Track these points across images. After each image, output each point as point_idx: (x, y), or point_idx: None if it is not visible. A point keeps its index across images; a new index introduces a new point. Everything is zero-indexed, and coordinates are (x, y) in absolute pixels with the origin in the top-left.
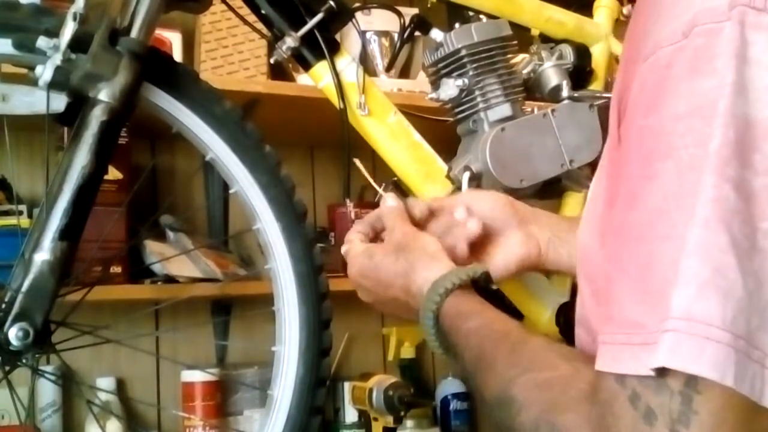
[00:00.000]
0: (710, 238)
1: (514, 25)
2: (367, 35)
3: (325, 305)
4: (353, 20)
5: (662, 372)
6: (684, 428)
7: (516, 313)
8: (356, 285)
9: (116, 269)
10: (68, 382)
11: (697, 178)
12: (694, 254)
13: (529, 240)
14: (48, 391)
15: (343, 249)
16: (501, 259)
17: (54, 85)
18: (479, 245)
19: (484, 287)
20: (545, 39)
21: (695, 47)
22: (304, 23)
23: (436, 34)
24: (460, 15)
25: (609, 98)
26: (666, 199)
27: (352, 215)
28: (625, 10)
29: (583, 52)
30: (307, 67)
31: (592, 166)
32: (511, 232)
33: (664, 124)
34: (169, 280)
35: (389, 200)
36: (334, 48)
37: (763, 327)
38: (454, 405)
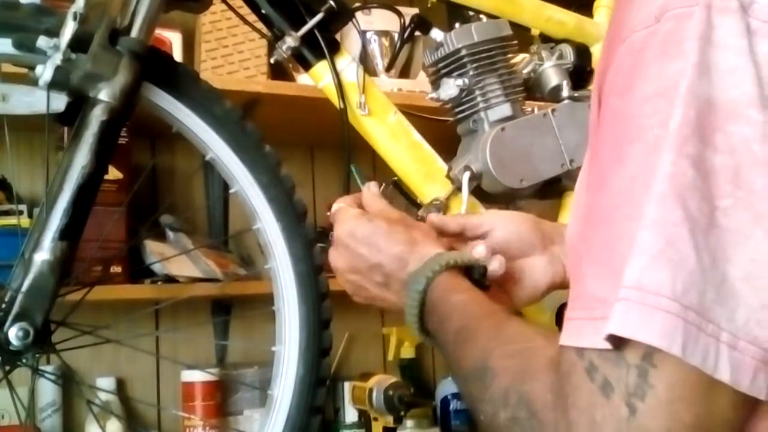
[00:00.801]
0: (665, 213)
1: (514, 25)
2: (367, 35)
3: (325, 305)
4: (353, 20)
5: (620, 345)
6: (639, 401)
7: None
8: (340, 243)
9: (116, 269)
10: (68, 382)
11: (658, 157)
12: (648, 228)
13: (554, 262)
14: (48, 391)
15: (333, 208)
16: (529, 287)
17: (54, 84)
18: (505, 273)
19: (478, 281)
20: (545, 39)
21: (665, 31)
22: (304, 23)
23: (436, 34)
24: (460, 15)
25: None
26: (632, 181)
27: None
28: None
29: (583, 52)
30: (307, 66)
31: None
32: (535, 256)
33: (633, 107)
34: (169, 280)
35: (372, 186)
36: (334, 48)
37: (719, 302)
38: (454, 405)
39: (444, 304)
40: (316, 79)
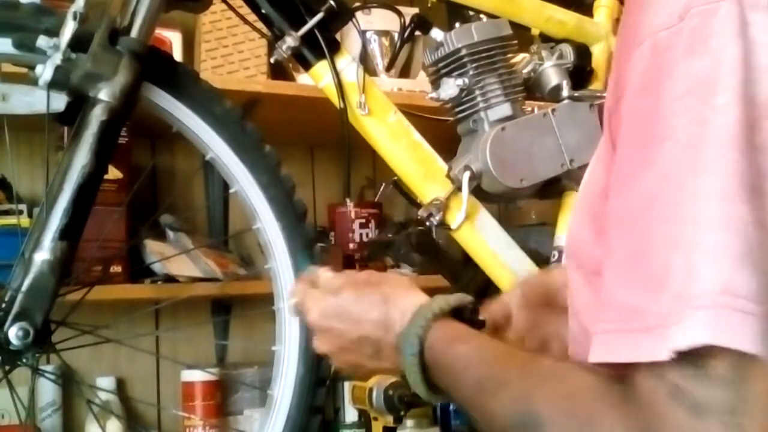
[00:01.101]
0: (734, 212)
1: (514, 25)
2: (367, 35)
3: None
4: (353, 20)
5: (699, 359)
6: (742, 416)
7: None
8: (318, 329)
9: (116, 269)
10: (68, 381)
11: (696, 156)
12: (718, 229)
13: None
14: (48, 391)
15: (293, 300)
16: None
17: (54, 84)
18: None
19: (472, 320)
20: (545, 39)
21: (691, 29)
22: (305, 23)
23: (437, 33)
24: (460, 15)
25: None
26: (663, 181)
27: (352, 215)
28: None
29: (583, 52)
30: (307, 66)
31: None
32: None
33: (661, 107)
34: (169, 279)
35: (320, 269)
36: (335, 47)
37: None
38: (454, 405)
39: (450, 359)
40: (316, 78)
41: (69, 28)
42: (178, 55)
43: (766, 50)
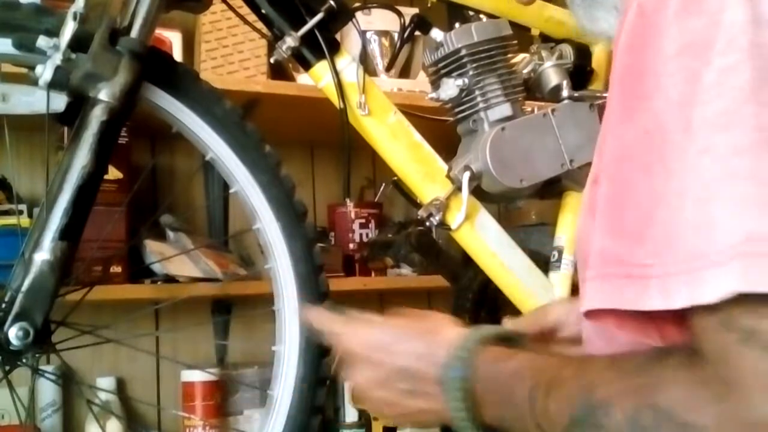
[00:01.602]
0: (760, 163)
1: (514, 25)
2: (367, 35)
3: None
4: (353, 20)
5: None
6: None
7: None
8: (355, 359)
9: (116, 269)
10: (68, 381)
11: (689, 113)
12: (744, 180)
13: None
14: (48, 391)
15: (331, 333)
16: None
17: (54, 84)
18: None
19: (515, 346)
20: (545, 39)
21: None
22: (304, 23)
23: (436, 33)
24: (460, 15)
25: None
26: (647, 135)
27: (352, 215)
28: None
29: (583, 52)
30: (307, 66)
31: None
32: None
33: (651, 65)
34: (169, 279)
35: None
36: (335, 48)
37: None
38: None
39: (499, 379)
40: (316, 79)
41: (69, 29)
42: (178, 55)
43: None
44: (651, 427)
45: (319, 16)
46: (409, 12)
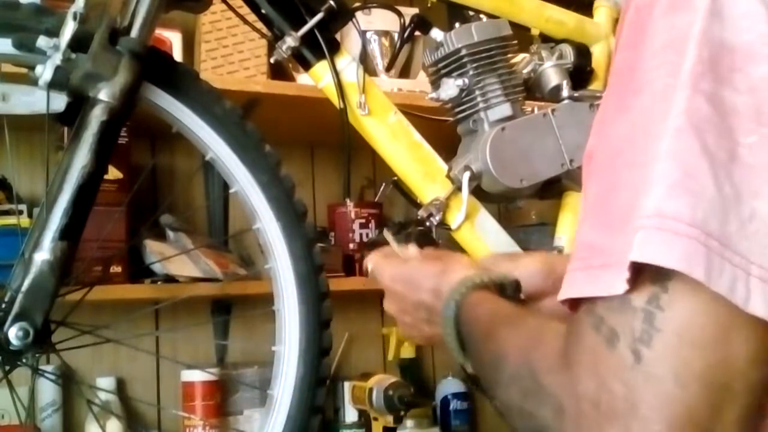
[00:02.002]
0: (681, 145)
1: (514, 25)
2: (367, 35)
3: (325, 305)
4: (353, 20)
5: (625, 292)
6: (645, 347)
7: None
8: (387, 290)
9: (116, 269)
10: (68, 381)
11: (669, 103)
12: (663, 160)
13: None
14: (48, 391)
15: (369, 264)
16: None
17: (54, 84)
18: None
19: (511, 296)
20: (545, 39)
21: None
22: (304, 23)
23: (436, 33)
24: (460, 15)
25: None
26: (633, 128)
27: (352, 215)
28: (629, 10)
29: (583, 52)
30: (307, 66)
31: None
32: (545, 298)
33: (640, 61)
34: (169, 279)
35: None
36: (335, 48)
37: (746, 236)
38: (454, 405)
39: (474, 318)
40: (316, 79)
41: (69, 29)
42: (178, 55)
43: (743, 1)
44: (523, 379)
45: (319, 16)
46: (409, 12)
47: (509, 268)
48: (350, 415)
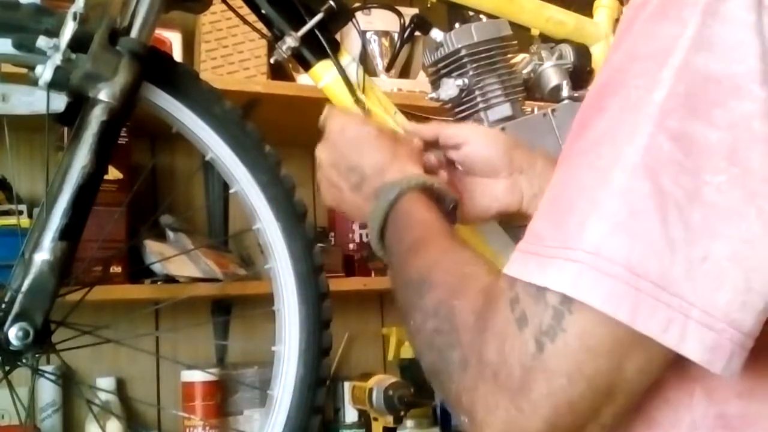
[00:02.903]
0: (633, 184)
1: (514, 25)
2: (367, 35)
3: (325, 305)
4: (353, 20)
5: (543, 285)
6: (549, 341)
7: None
8: (328, 138)
9: (116, 269)
10: (68, 382)
11: (636, 121)
12: (614, 195)
13: (513, 191)
14: (48, 391)
15: (330, 107)
16: (480, 207)
17: (54, 85)
18: (465, 181)
19: (446, 212)
20: (545, 39)
21: None
22: (304, 23)
23: (436, 34)
24: (460, 15)
25: None
26: (604, 134)
27: None
28: (625, 9)
29: (583, 52)
30: (307, 67)
31: None
32: (497, 179)
33: (621, 62)
34: (169, 280)
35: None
36: (335, 48)
37: (693, 278)
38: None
39: (408, 217)
40: (316, 79)
41: (69, 29)
42: (178, 55)
43: (736, 27)
44: (440, 318)
45: (319, 16)
46: (409, 12)
47: (474, 128)
48: (350, 415)
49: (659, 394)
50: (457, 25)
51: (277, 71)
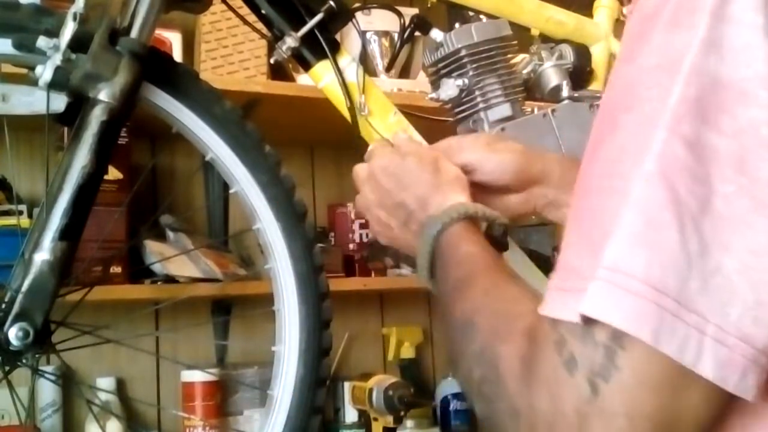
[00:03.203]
0: (649, 193)
1: (514, 25)
2: (367, 35)
3: (325, 305)
4: (353, 20)
5: (590, 321)
6: (603, 382)
7: None
8: (371, 178)
9: (116, 269)
10: (68, 382)
11: (651, 131)
12: (631, 207)
13: (527, 203)
14: (48, 391)
15: (371, 147)
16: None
17: (54, 85)
18: (473, 192)
19: (496, 239)
20: (545, 39)
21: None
22: (304, 23)
23: (436, 34)
24: (460, 15)
25: None
26: (621, 152)
27: (352, 215)
28: (625, 9)
29: (583, 52)
30: (307, 67)
31: None
32: (511, 193)
33: (634, 75)
34: (169, 280)
35: (401, 133)
36: (335, 48)
37: (707, 292)
38: (454, 405)
39: (453, 251)
40: (316, 79)
41: (69, 29)
42: (178, 55)
43: (744, 29)
44: (486, 364)
45: (319, 16)
46: (409, 12)
47: (484, 155)
48: (350, 415)
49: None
50: (457, 25)
51: (277, 71)
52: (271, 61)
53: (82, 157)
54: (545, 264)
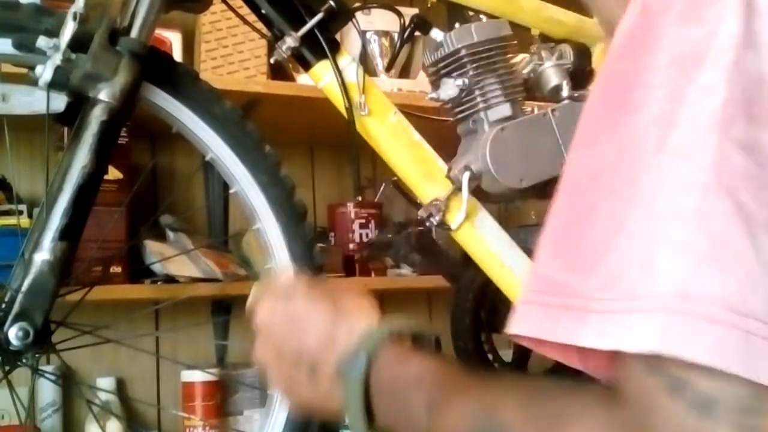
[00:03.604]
0: (710, 206)
1: (514, 25)
2: (367, 35)
3: None
4: (353, 20)
5: (654, 356)
6: (755, 418)
7: None
8: (262, 331)
9: (116, 269)
10: (68, 382)
11: (666, 134)
12: (688, 224)
13: None
14: (48, 391)
15: (250, 299)
16: None
17: (54, 85)
18: None
19: (431, 350)
20: (545, 39)
21: None
22: (304, 23)
23: (436, 34)
24: (460, 15)
25: None
26: (621, 153)
27: (352, 215)
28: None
29: (583, 52)
30: (307, 67)
31: None
32: None
33: (640, 74)
34: (169, 280)
35: (282, 275)
36: (335, 48)
37: None
38: None
39: (398, 383)
40: (316, 79)
41: (69, 29)
42: (178, 55)
43: None
44: None
45: (319, 16)
46: (409, 12)
47: None
48: None
49: None
50: (457, 25)
51: (277, 71)
52: (271, 60)
53: (82, 157)
54: None
